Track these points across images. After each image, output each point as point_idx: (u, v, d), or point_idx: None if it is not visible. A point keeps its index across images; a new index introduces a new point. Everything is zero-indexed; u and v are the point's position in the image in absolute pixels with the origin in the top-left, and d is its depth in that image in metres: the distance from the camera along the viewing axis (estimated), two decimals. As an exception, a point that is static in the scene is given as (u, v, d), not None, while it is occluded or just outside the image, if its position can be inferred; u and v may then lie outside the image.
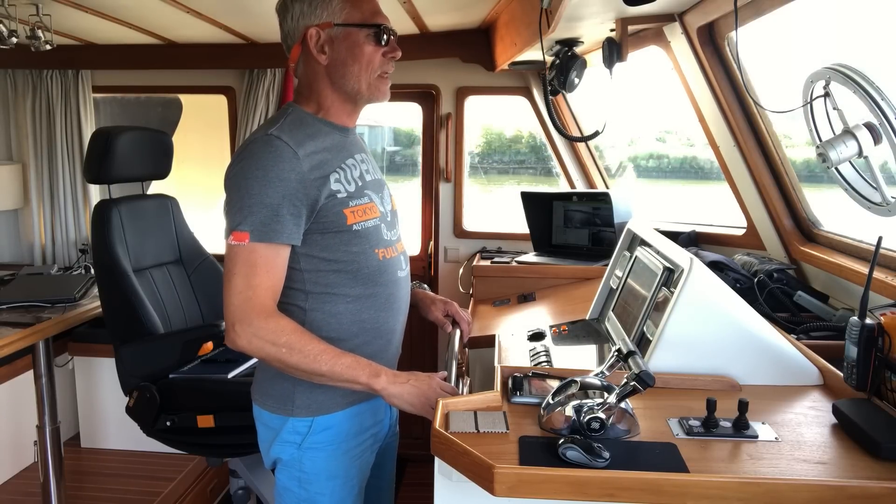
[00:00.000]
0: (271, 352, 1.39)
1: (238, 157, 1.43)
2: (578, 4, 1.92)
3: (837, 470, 1.15)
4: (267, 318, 1.39)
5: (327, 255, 1.47)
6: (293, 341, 1.39)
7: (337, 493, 1.55)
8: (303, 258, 1.46)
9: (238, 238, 1.38)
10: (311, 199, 1.42)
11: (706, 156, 3.25)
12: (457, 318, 1.82)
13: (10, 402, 3.08)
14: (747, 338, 1.52)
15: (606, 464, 1.13)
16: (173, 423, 2.23)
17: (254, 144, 1.42)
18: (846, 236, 2.05)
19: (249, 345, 1.39)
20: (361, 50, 1.48)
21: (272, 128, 1.44)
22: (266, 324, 1.38)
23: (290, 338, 1.39)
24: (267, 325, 1.38)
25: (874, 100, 1.38)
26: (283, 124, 1.45)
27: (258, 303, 1.38)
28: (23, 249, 3.78)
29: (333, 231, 1.46)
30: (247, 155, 1.41)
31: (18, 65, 3.51)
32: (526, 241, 3.26)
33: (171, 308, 2.57)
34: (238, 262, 1.39)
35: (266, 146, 1.41)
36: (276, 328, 1.39)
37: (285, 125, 1.45)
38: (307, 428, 1.51)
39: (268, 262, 1.40)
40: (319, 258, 1.46)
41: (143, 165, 2.57)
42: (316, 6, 1.47)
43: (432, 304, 1.82)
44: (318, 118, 1.52)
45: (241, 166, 1.41)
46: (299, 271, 1.47)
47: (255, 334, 1.38)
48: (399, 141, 4.16)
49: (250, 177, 1.39)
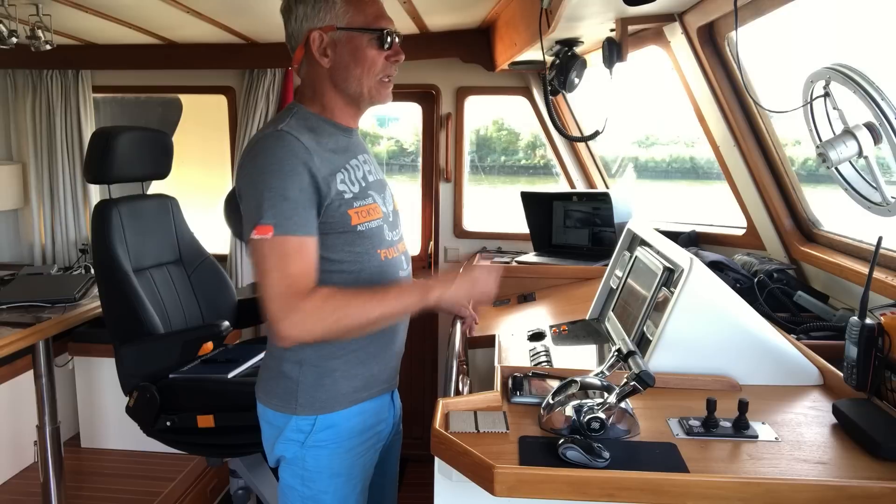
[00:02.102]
0: (325, 328, 1.38)
1: (251, 154, 1.42)
2: (578, 4, 1.91)
3: (837, 470, 1.15)
4: (307, 298, 1.36)
5: (330, 255, 1.46)
6: (338, 307, 1.38)
7: (340, 491, 1.55)
8: None
9: (262, 232, 1.35)
10: (321, 195, 1.42)
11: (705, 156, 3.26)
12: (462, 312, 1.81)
13: (10, 402, 3.08)
14: (747, 338, 1.52)
15: (606, 464, 1.13)
16: (173, 423, 2.23)
17: (265, 140, 1.42)
18: (846, 236, 2.05)
19: (302, 332, 1.37)
20: (364, 54, 1.48)
21: (281, 124, 1.44)
22: (308, 303, 1.35)
23: (335, 305, 1.38)
24: (309, 304, 1.35)
25: (874, 100, 1.38)
26: (290, 122, 1.46)
27: (298, 290, 1.36)
28: (23, 249, 3.78)
29: (338, 231, 1.46)
30: (259, 150, 1.41)
31: (18, 65, 3.51)
32: (526, 241, 3.26)
33: (171, 308, 2.57)
34: (268, 255, 1.36)
35: (278, 141, 1.40)
36: (319, 304, 1.36)
37: (293, 122, 1.46)
38: (310, 426, 1.52)
39: (299, 251, 1.38)
40: (323, 258, 1.46)
41: (143, 165, 2.57)
42: (319, 9, 1.47)
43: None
44: (323, 118, 1.52)
45: (255, 162, 1.40)
46: None
47: (304, 319, 1.35)
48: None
49: (267, 171, 1.38)
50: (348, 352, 1.52)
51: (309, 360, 1.50)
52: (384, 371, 1.59)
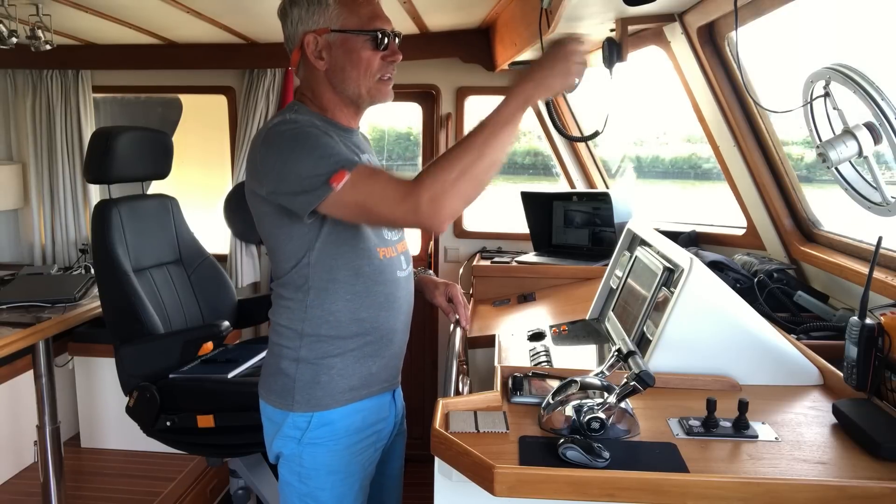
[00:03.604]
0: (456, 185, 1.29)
1: (267, 142, 1.41)
2: (578, 4, 1.91)
3: (837, 470, 1.15)
4: (418, 183, 1.30)
5: (334, 250, 1.47)
6: (447, 160, 1.31)
7: (337, 489, 1.55)
8: (316, 251, 1.47)
9: (338, 180, 1.32)
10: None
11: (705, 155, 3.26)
12: (454, 302, 1.80)
13: (10, 402, 3.08)
14: (747, 338, 1.52)
15: (606, 464, 1.13)
16: (173, 423, 2.23)
17: (280, 126, 1.42)
18: (846, 236, 2.05)
19: (443, 203, 1.29)
20: (359, 55, 1.48)
21: (287, 115, 1.46)
22: (422, 184, 1.29)
23: (442, 164, 1.31)
24: (423, 184, 1.29)
25: (874, 100, 1.38)
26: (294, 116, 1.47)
27: (406, 185, 1.30)
28: (23, 249, 3.78)
29: (336, 230, 1.47)
30: (277, 134, 1.40)
31: (18, 65, 3.51)
32: (526, 241, 3.26)
33: (171, 308, 2.57)
34: (361, 187, 1.32)
35: (293, 122, 1.42)
36: (431, 175, 1.30)
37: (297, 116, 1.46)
38: (306, 423, 1.52)
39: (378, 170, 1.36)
40: (328, 252, 1.47)
41: (143, 165, 2.57)
42: (313, 12, 1.47)
43: (435, 289, 1.82)
44: (323, 118, 1.52)
45: (280, 143, 1.38)
46: (307, 265, 1.47)
47: (433, 194, 1.29)
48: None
49: (299, 141, 1.37)
50: (346, 350, 1.52)
51: (306, 358, 1.51)
52: (384, 370, 1.59)
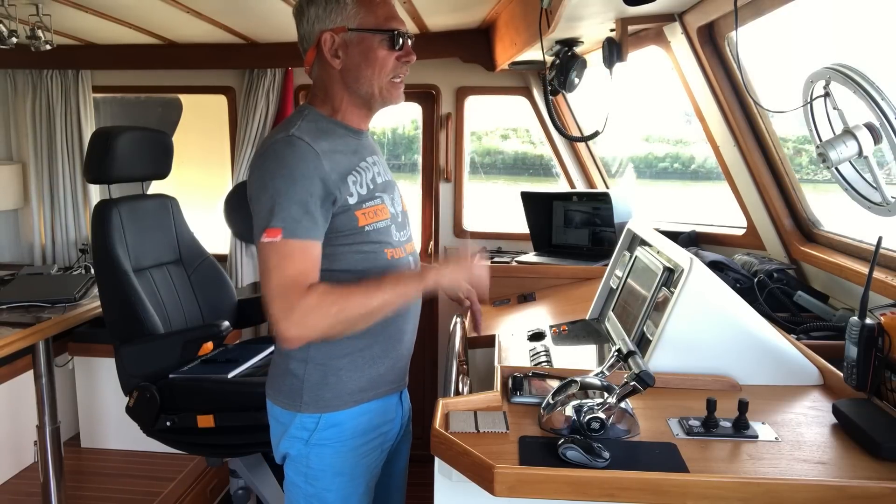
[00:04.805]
0: (326, 323, 1.38)
1: (262, 158, 1.44)
2: (578, 4, 1.92)
3: (837, 470, 1.15)
4: (306, 295, 1.36)
5: (338, 256, 1.47)
6: (337, 300, 1.38)
7: (343, 490, 1.56)
8: (323, 254, 1.46)
9: (271, 234, 1.37)
10: (331, 198, 1.43)
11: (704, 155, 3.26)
12: (473, 310, 1.75)
13: (10, 402, 3.08)
14: (747, 338, 1.52)
15: (606, 464, 1.13)
16: (173, 423, 2.23)
17: (276, 145, 1.43)
18: (846, 236, 2.05)
19: (304, 330, 1.37)
20: (375, 55, 1.49)
21: (292, 128, 1.45)
22: (307, 300, 1.36)
23: (333, 299, 1.38)
24: (308, 301, 1.36)
25: (874, 100, 1.38)
26: (301, 125, 1.46)
27: (297, 289, 1.36)
28: (23, 249, 3.78)
29: (346, 232, 1.47)
30: (270, 155, 1.42)
31: (18, 65, 3.51)
32: (526, 241, 3.26)
33: (171, 308, 2.57)
34: (272, 257, 1.37)
35: (289, 146, 1.41)
36: (317, 299, 1.36)
37: (304, 126, 1.46)
38: (314, 424, 1.52)
39: (301, 253, 1.39)
40: (331, 258, 1.47)
41: (143, 165, 2.57)
42: (331, 10, 1.48)
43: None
44: (334, 120, 1.53)
45: (266, 167, 1.41)
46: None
47: (304, 316, 1.35)
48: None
49: (277, 176, 1.39)
50: (355, 351, 1.52)
51: (315, 359, 1.51)
52: (392, 371, 1.59)
